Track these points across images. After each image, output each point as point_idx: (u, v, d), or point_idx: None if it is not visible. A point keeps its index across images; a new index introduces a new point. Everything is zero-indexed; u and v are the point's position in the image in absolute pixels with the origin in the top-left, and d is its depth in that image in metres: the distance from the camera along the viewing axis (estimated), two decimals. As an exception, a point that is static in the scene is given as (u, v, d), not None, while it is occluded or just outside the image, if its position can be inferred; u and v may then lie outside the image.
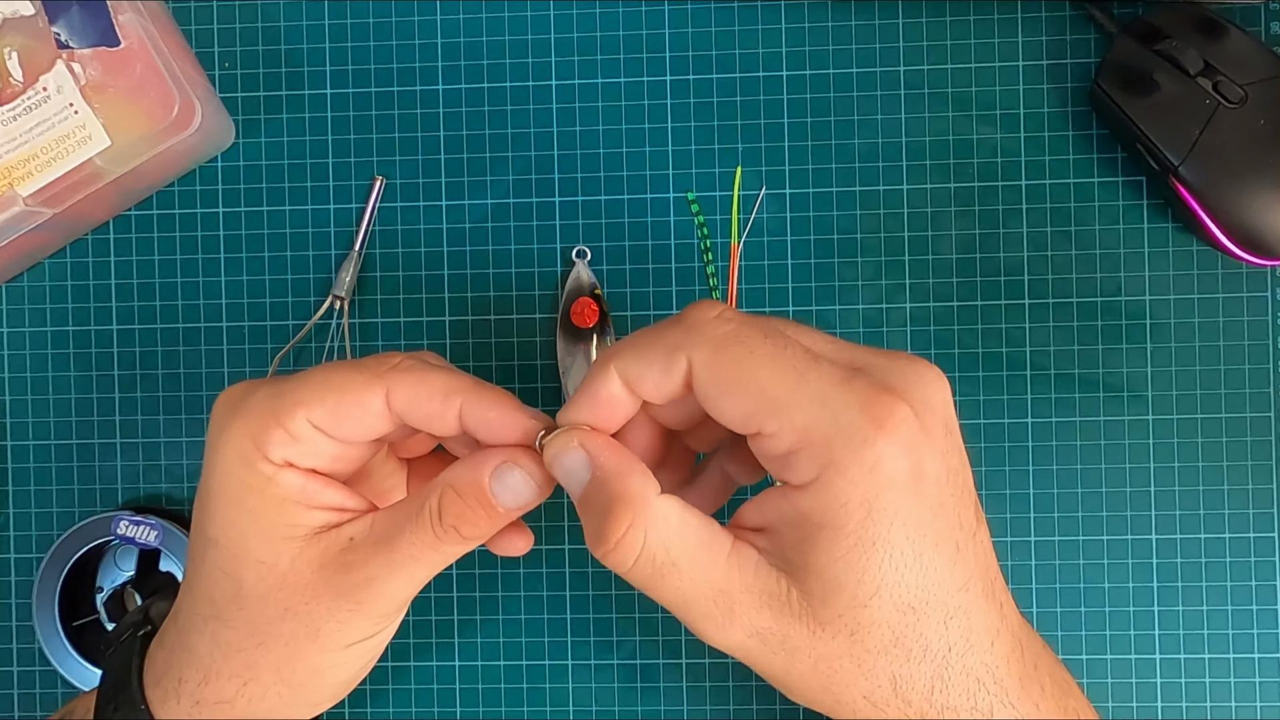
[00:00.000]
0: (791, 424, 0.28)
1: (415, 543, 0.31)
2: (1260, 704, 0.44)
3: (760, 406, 0.28)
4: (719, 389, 0.29)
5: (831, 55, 0.45)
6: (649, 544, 0.29)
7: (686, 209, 0.46)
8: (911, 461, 0.28)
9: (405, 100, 0.46)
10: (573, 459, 0.30)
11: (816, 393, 0.28)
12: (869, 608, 0.28)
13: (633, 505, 0.29)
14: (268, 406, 0.31)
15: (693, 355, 0.29)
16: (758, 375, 0.28)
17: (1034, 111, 0.45)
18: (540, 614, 0.46)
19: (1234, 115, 0.41)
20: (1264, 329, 0.44)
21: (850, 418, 0.28)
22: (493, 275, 0.46)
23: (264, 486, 0.31)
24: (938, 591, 0.29)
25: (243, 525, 0.31)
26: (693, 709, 0.45)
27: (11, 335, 0.47)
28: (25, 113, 0.41)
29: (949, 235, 0.45)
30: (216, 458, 0.31)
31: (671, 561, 0.29)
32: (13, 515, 0.47)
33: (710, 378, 0.29)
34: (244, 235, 0.47)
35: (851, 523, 0.28)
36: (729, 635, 0.30)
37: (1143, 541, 0.44)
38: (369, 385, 0.31)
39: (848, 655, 0.29)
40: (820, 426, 0.28)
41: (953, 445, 0.30)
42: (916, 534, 0.28)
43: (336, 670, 0.33)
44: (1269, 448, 0.44)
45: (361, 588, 0.31)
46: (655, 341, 0.30)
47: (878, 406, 0.28)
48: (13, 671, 0.47)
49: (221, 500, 0.31)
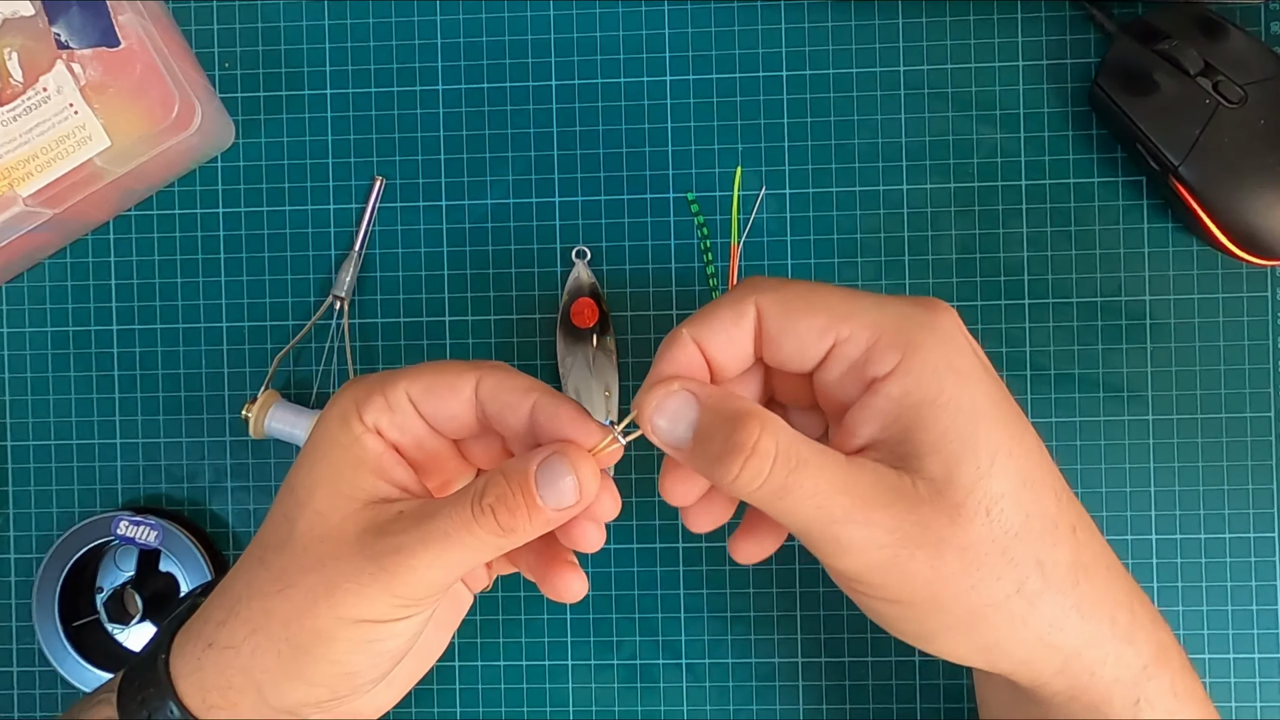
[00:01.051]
0: (864, 322, 0.30)
1: (451, 519, 0.31)
2: (1260, 704, 0.44)
3: (832, 318, 0.30)
4: (790, 317, 0.31)
5: (831, 55, 0.45)
6: (783, 443, 0.29)
7: (686, 209, 0.46)
8: (969, 342, 0.31)
9: (405, 100, 0.46)
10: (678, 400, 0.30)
11: (874, 302, 0.31)
12: (993, 477, 0.29)
13: (758, 414, 0.29)
14: (377, 378, 0.34)
15: (760, 298, 0.31)
16: (824, 297, 0.31)
17: (1034, 111, 0.45)
18: (540, 614, 0.46)
19: (1234, 115, 0.41)
20: (1264, 329, 0.44)
21: (909, 309, 0.31)
22: (493, 275, 0.46)
23: (349, 444, 0.32)
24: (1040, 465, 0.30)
25: (318, 474, 0.33)
26: (693, 709, 0.45)
27: (11, 335, 0.47)
28: (25, 113, 0.41)
29: (949, 235, 0.45)
30: (322, 420, 0.33)
31: (804, 459, 0.29)
32: (13, 515, 0.47)
33: (780, 310, 0.31)
34: (244, 235, 0.47)
35: (947, 389, 0.29)
36: (872, 535, 0.29)
37: (1143, 541, 0.44)
38: (464, 372, 0.33)
39: (990, 541, 0.29)
40: (888, 320, 0.30)
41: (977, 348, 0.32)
42: (1003, 405, 0.30)
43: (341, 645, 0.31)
44: (1269, 448, 0.44)
45: (388, 553, 0.31)
46: (720, 300, 0.32)
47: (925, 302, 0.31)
48: (12, 671, 0.47)
49: (311, 452, 0.33)
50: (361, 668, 0.32)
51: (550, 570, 0.35)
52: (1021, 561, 0.30)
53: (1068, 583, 0.30)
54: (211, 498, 0.47)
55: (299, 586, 0.31)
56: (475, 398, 0.33)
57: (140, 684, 0.33)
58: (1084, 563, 0.30)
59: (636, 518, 0.45)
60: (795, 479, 0.29)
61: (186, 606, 0.35)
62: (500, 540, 0.31)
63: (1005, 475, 0.29)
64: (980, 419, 0.29)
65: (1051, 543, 0.30)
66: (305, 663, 0.31)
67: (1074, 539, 0.30)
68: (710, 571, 0.45)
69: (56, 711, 0.47)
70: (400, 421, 0.33)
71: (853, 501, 0.29)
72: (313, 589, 0.31)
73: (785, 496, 0.29)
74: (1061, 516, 0.30)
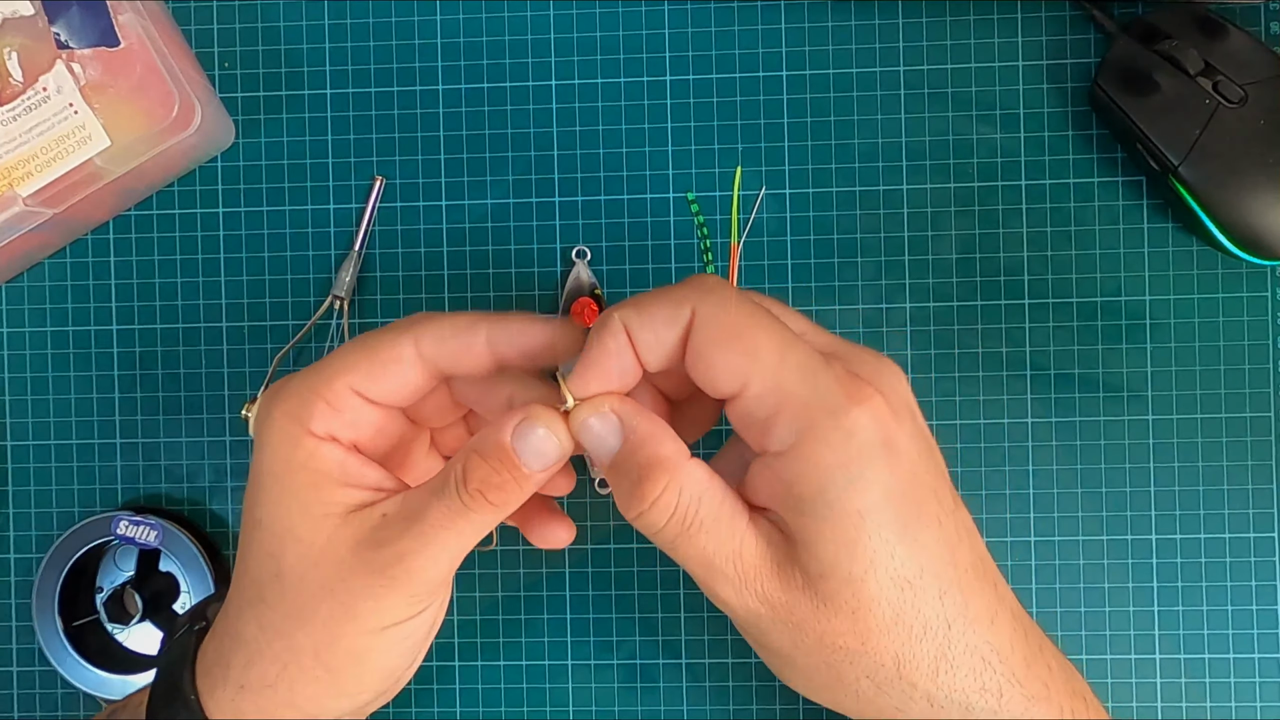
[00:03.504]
0: (776, 385, 0.29)
1: (443, 512, 0.30)
2: (1260, 704, 0.44)
3: (750, 364, 0.29)
4: (717, 342, 0.30)
5: (831, 55, 0.45)
6: (682, 503, 0.30)
7: (686, 209, 0.46)
8: (884, 434, 0.29)
9: (405, 100, 0.46)
10: (604, 424, 0.31)
11: (799, 363, 0.29)
12: (865, 583, 0.29)
13: (668, 467, 0.30)
14: (307, 384, 0.32)
15: (699, 306, 0.30)
16: (754, 335, 0.30)
17: (1034, 111, 0.45)
18: (540, 614, 0.46)
19: (1234, 115, 0.41)
20: (1264, 329, 0.44)
21: (828, 389, 0.29)
22: (493, 275, 0.46)
23: (305, 461, 0.31)
24: (929, 565, 0.30)
25: (285, 503, 0.31)
26: (693, 709, 0.45)
27: (11, 335, 0.47)
28: (25, 113, 0.41)
29: (949, 235, 0.45)
30: (262, 443, 0.32)
31: (700, 521, 0.30)
32: (13, 515, 0.47)
33: (712, 331, 0.30)
34: (244, 235, 0.47)
35: (833, 489, 0.29)
36: (744, 599, 0.30)
37: (1143, 541, 0.44)
38: (398, 338, 0.32)
39: (851, 632, 0.30)
40: (801, 393, 0.29)
41: (920, 431, 0.31)
42: (899, 505, 0.29)
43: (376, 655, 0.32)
44: (1269, 448, 0.44)
45: (394, 563, 0.30)
46: (661, 294, 0.31)
47: (852, 386, 0.29)
48: (12, 671, 0.47)
49: (267, 480, 0.32)
50: (398, 663, 0.33)
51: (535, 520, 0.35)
52: (878, 653, 0.30)
53: (922, 675, 0.30)
54: (211, 498, 0.47)
55: (317, 616, 0.31)
56: (419, 358, 0.32)
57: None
58: (950, 657, 0.30)
59: (636, 518, 0.45)
60: (686, 538, 0.30)
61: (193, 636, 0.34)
62: (495, 516, 0.31)
63: (880, 581, 0.29)
64: (863, 527, 0.29)
65: (917, 640, 0.30)
66: (346, 680, 0.32)
67: (946, 635, 0.30)
68: (710, 571, 0.45)
69: (56, 712, 0.47)
70: (351, 419, 0.32)
71: (735, 571, 0.30)
72: (332, 616, 0.31)
73: (674, 549, 0.31)
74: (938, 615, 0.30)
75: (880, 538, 0.29)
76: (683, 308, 0.30)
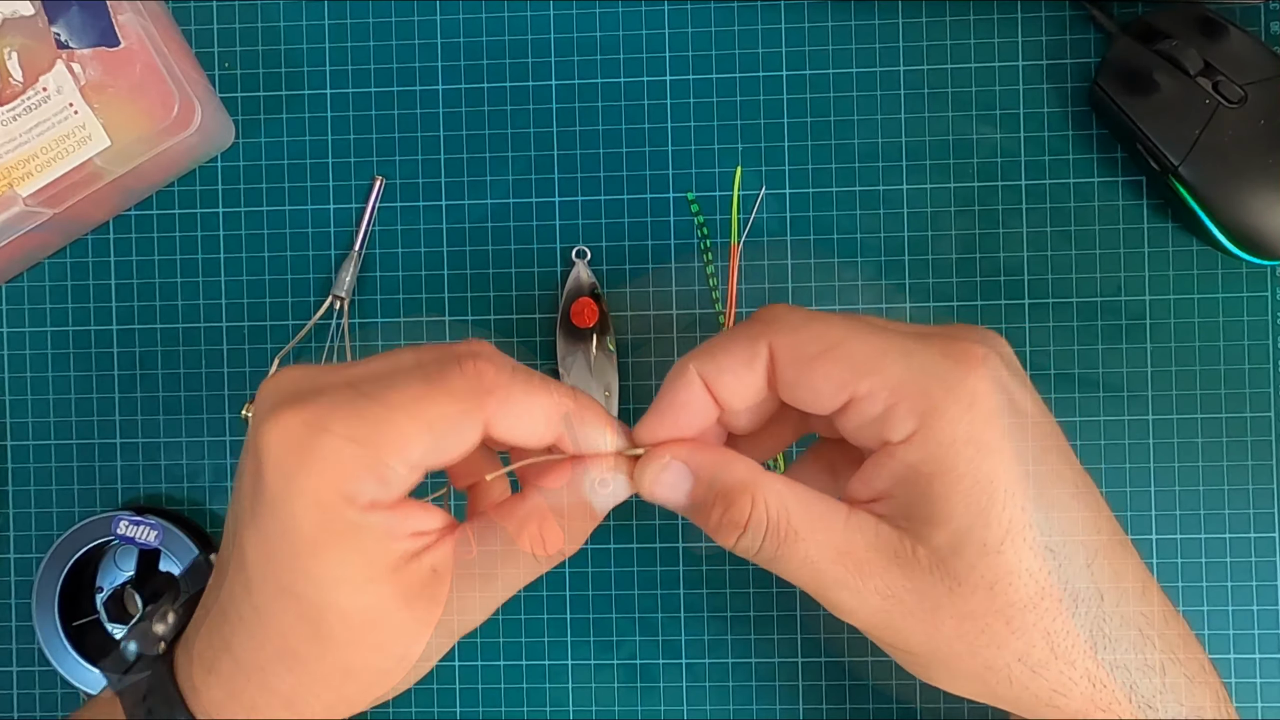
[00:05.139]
0: (885, 380, 0.28)
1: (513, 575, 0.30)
2: (1261, 704, 0.44)
3: (850, 370, 0.29)
4: (806, 364, 0.29)
5: (831, 55, 0.45)
6: (771, 517, 0.29)
7: (686, 209, 0.46)
8: (1006, 395, 0.28)
9: (405, 100, 0.46)
10: (672, 474, 0.30)
11: (900, 351, 0.29)
12: (1003, 553, 0.28)
13: (748, 487, 0.29)
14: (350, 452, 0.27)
15: (774, 340, 0.29)
16: (843, 344, 0.29)
17: (1034, 111, 0.45)
18: (540, 614, 0.46)
19: (1234, 115, 0.41)
20: (1264, 329, 0.44)
21: (937, 365, 0.28)
22: (493, 275, 0.46)
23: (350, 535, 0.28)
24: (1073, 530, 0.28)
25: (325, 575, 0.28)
26: (693, 709, 0.45)
27: (11, 335, 0.47)
28: (25, 113, 0.41)
29: (949, 235, 0.45)
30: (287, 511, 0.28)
31: (794, 530, 0.29)
32: (13, 515, 0.47)
33: (796, 356, 0.29)
34: (244, 235, 0.47)
35: (962, 462, 0.28)
36: (864, 599, 0.29)
37: (1143, 541, 0.44)
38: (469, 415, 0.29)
39: (992, 612, 0.28)
40: (912, 377, 0.28)
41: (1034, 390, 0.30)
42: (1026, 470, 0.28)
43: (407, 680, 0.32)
44: (1269, 448, 0.44)
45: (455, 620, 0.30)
46: (732, 336, 0.30)
47: (959, 353, 0.28)
48: (12, 671, 0.47)
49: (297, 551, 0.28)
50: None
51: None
52: (1027, 632, 0.28)
53: (1080, 653, 0.29)
54: (211, 498, 0.47)
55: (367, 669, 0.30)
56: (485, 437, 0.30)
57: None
58: (1107, 631, 0.29)
59: (636, 518, 0.45)
60: (786, 549, 0.29)
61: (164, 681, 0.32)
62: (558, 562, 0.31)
63: (1018, 551, 0.28)
64: (998, 494, 0.28)
65: (1068, 614, 0.28)
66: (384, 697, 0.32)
67: (1099, 607, 0.29)
68: (710, 571, 0.45)
69: (56, 712, 0.47)
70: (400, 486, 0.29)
71: (845, 569, 0.29)
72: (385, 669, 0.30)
73: (777, 563, 0.30)
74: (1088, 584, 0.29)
75: (1016, 504, 0.28)
76: (758, 344, 0.30)
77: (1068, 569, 0.28)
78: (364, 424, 0.28)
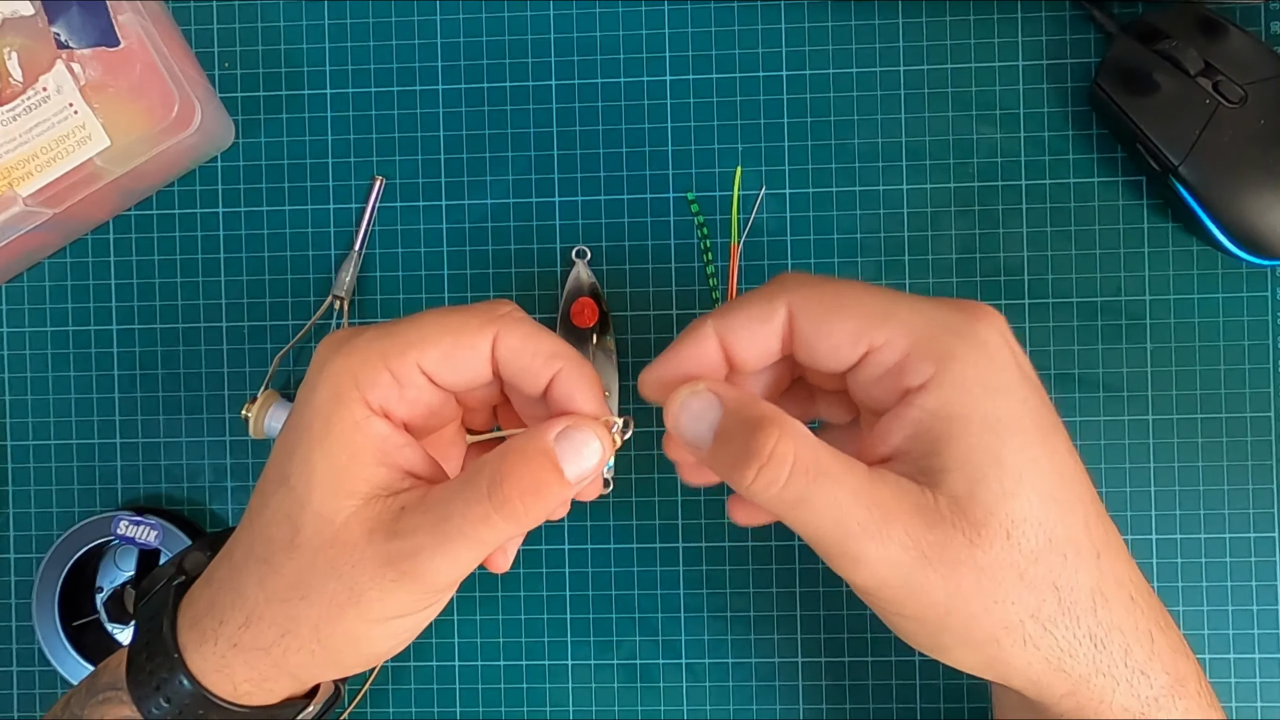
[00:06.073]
0: (901, 328, 0.30)
1: (468, 514, 0.29)
2: (1261, 704, 0.44)
3: (867, 321, 0.30)
4: (823, 318, 0.30)
5: (831, 55, 0.45)
6: (799, 453, 0.29)
7: (686, 209, 0.46)
8: (1011, 348, 0.30)
9: (405, 100, 0.46)
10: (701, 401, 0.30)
11: (912, 306, 0.30)
12: (1018, 497, 0.29)
13: (777, 420, 0.29)
14: (376, 347, 0.30)
15: (792, 298, 0.30)
16: (859, 299, 0.30)
17: (1034, 111, 0.45)
18: (540, 614, 0.46)
19: (1234, 115, 0.41)
20: (1264, 329, 0.44)
21: (949, 316, 0.30)
22: (493, 275, 0.46)
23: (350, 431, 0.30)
24: (1074, 487, 0.30)
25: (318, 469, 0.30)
26: (693, 709, 0.45)
27: (11, 335, 0.47)
28: (25, 113, 0.41)
29: (949, 235, 0.45)
30: (312, 394, 0.30)
31: (823, 470, 0.29)
32: (13, 515, 0.47)
33: (813, 312, 0.30)
34: (244, 235, 0.47)
35: (980, 405, 0.29)
36: (888, 549, 0.29)
37: (1143, 541, 0.44)
38: (482, 328, 0.31)
39: (1008, 564, 0.29)
40: (926, 326, 0.30)
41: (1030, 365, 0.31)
42: (1036, 416, 0.29)
43: (372, 642, 0.32)
44: (1269, 448, 0.44)
45: (408, 557, 0.30)
46: (750, 297, 0.31)
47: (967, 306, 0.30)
48: (12, 671, 0.47)
49: (305, 437, 0.30)
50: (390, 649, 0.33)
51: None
52: (1038, 586, 0.29)
53: (1084, 609, 0.30)
54: (211, 498, 0.47)
55: (320, 593, 0.31)
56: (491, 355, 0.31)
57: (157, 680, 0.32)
58: (1104, 590, 0.30)
59: (636, 518, 0.45)
60: (814, 489, 0.29)
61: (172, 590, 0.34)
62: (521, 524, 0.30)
63: (1030, 496, 0.29)
64: (1010, 437, 0.29)
65: (1073, 569, 0.29)
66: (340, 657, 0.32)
67: (1097, 565, 0.30)
68: (710, 571, 0.45)
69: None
70: (411, 396, 0.31)
71: (871, 515, 0.29)
72: (336, 598, 0.30)
73: (802, 506, 0.29)
74: (1087, 541, 0.30)
75: (1025, 450, 0.29)
76: (775, 302, 0.31)
77: (1069, 520, 0.29)
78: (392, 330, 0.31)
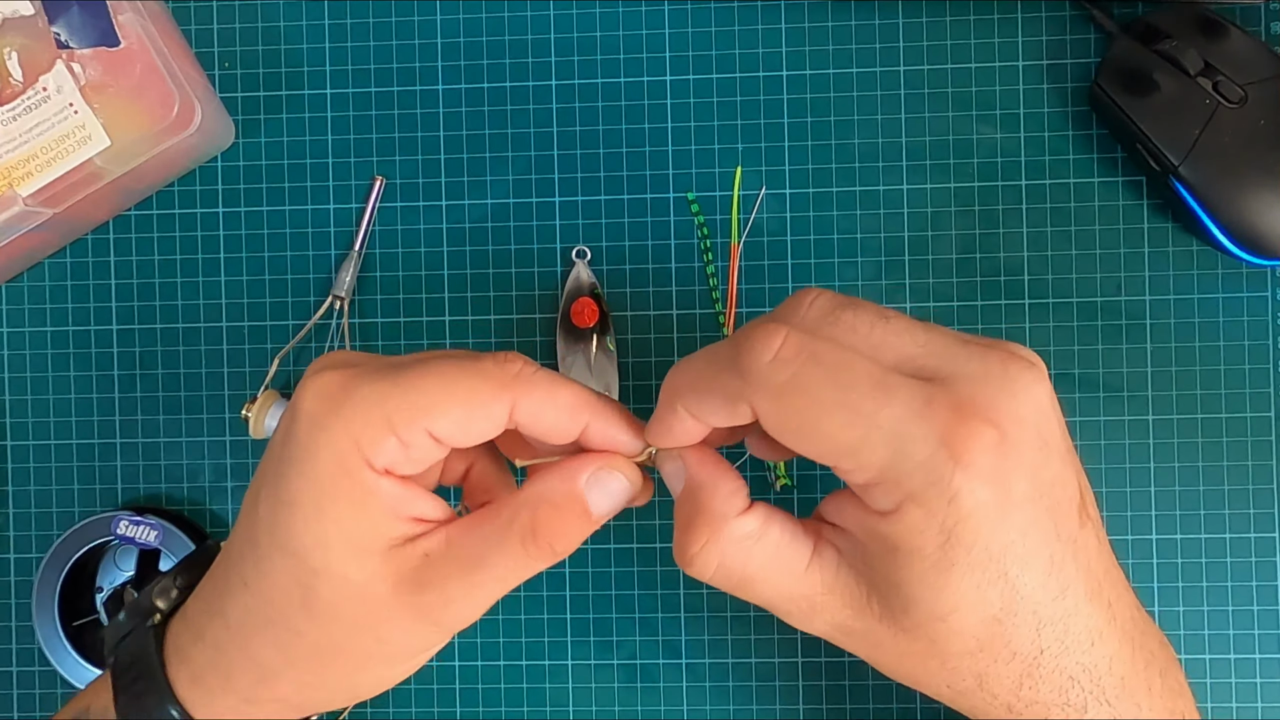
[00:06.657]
0: (867, 464, 0.27)
1: (502, 564, 0.30)
2: (1261, 704, 0.44)
3: (831, 451, 0.28)
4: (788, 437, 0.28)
5: (831, 55, 0.45)
6: (724, 563, 0.30)
7: (686, 209, 0.46)
8: (995, 489, 0.27)
9: (405, 100, 0.46)
10: (673, 467, 0.32)
11: (889, 431, 0.27)
12: (947, 622, 0.29)
13: (710, 524, 0.30)
14: (380, 410, 0.28)
15: (755, 405, 0.28)
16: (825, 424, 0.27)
17: (1034, 111, 0.45)
18: (540, 614, 0.46)
19: (1234, 115, 0.41)
20: (1264, 329, 0.44)
21: (927, 452, 0.27)
22: (493, 275, 0.46)
23: (360, 497, 0.28)
24: (1027, 603, 0.28)
25: (325, 535, 0.29)
26: (693, 709, 0.45)
27: (11, 335, 0.47)
28: (25, 113, 0.41)
29: (949, 235, 0.45)
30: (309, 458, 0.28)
31: (749, 576, 0.30)
32: (13, 515, 0.47)
33: (778, 426, 0.28)
34: (244, 235, 0.47)
35: (929, 548, 0.27)
36: (813, 627, 0.31)
37: (1143, 541, 0.44)
38: (497, 396, 0.29)
39: (931, 655, 0.30)
40: (896, 464, 0.27)
41: (1048, 455, 0.28)
42: (1001, 555, 0.28)
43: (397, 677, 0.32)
44: (1269, 448, 0.44)
45: (439, 608, 0.30)
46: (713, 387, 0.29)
47: (957, 436, 0.26)
48: (12, 671, 0.47)
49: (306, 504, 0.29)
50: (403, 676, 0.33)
51: None
52: (958, 672, 0.30)
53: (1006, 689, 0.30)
54: (211, 498, 0.47)
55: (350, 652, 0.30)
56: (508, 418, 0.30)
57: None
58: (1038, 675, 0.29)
59: (637, 517, 0.45)
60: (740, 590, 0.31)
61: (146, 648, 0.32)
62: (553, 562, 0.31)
63: (965, 619, 0.28)
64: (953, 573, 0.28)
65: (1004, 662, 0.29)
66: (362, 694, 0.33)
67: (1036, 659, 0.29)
68: (710, 571, 0.45)
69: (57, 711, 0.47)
70: (419, 457, 0.29)
71: (798, 608, 0.31)
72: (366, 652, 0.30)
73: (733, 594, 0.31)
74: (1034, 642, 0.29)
75: (970, 583, 0.28)
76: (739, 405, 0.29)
77: (1013, 632, 0.29)
78: (396, 389, 0.29)
